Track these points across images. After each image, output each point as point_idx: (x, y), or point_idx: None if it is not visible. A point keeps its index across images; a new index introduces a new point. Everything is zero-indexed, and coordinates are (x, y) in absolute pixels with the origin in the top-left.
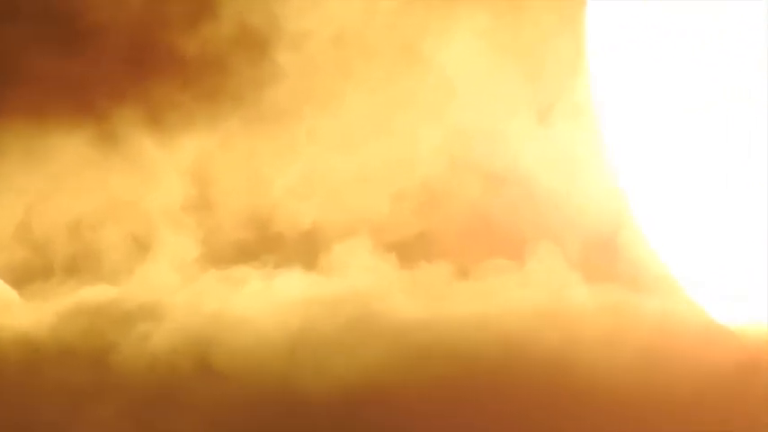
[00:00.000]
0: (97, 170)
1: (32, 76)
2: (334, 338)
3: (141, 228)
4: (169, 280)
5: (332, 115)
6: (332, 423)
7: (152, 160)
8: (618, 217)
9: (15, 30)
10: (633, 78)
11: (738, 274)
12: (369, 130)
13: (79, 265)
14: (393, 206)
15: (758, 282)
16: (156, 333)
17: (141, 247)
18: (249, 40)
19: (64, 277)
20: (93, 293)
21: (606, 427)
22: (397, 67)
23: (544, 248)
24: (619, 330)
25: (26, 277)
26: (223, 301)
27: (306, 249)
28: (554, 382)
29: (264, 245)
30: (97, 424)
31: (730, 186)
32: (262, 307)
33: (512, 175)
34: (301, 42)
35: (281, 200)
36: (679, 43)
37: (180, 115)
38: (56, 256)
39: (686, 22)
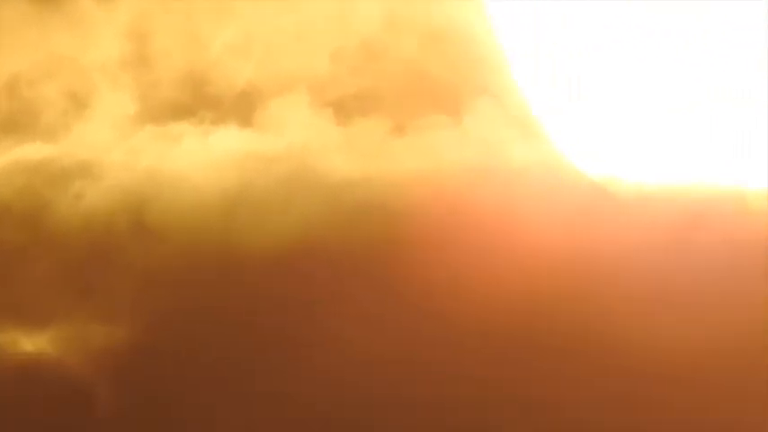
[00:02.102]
0: (35, 27)
1: None
2: (270, 195)
3: (79, 85)
4: (106, 137)
5: None
6: (268, 279)
7: (91, 17)
8: None
9: None
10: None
11: (674, 135)
12: None
13: (16, 123)
14: (331, 64)
15: (694, 142)
16: (91, 191)
17: (78, 104)
18: None
19: (0, 135)
20: (29, 151)
21: (543, 283)
22: None
23: (482, 105)
24: (556, 188)
25: None
26: (159, 158)
27: (243, 106)
28: (490, 238)
29: (201, 102)
30: (32, 282)
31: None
32: (198, 164)
33: (449, 32)
34: None
35: (218, 57)
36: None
37: None
38: None
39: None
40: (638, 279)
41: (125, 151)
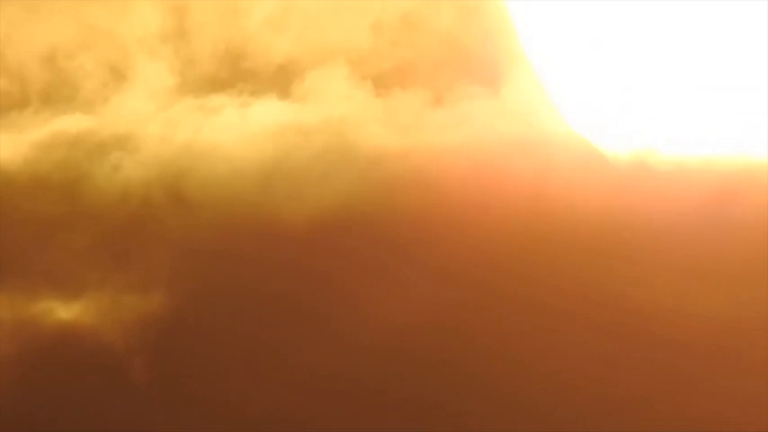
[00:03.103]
0: None
1: None
2: (308, 167)
3: (117, 57)
4: (144, 109)
5: None
6: (305, 251)
7: None
8: None
9: None
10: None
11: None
12: None
13: (55, 95)
14: (369, 37)
15: (730, 114)
16: (129, 163)
17: (117, 76)
18: None
19: (39, 107)
20: (68, 123)
21: (580, 253)
22: None
23: (519, 76)
24: (593, 159)
25: (1, 108)
26: (197, 130)
27: (281, 79)
28: (529, 209)
29: (240, 75)
30: (70, 252)
31: None
32: (236, 136)
33: (486, 3)
34: None
35: (257, 30)
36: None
37: None
38: (31, 85)
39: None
40: (673, 250)
41: (163, 123)
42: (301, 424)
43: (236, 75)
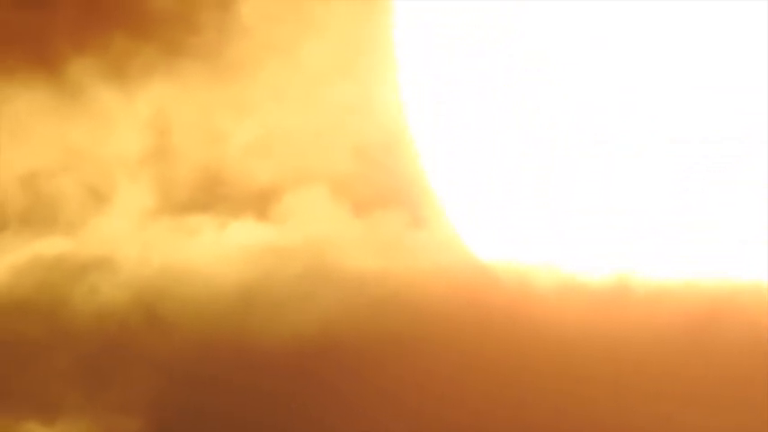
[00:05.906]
0: (53, 120)
1: None
2: (287, 289)
3: (97, 179)
4: (123, 231)
5: (292, 67)
6: (287, 376)
7: (110, 111)
8: None
9: None
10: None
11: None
12: (329, 81)
13: (34, 217)
14: (350, 160)
15: (710, 235)
16: (107, 285)
17: (96, 198)
18: None
19: (19, 229)
20: (47, 246)
21: (560, 379)
22: (359, 15)
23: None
24: (573, 283)
25: None
26: (175, 251)
27: (260, 201)
28: (508, 334)
29: (219, 197)
30: (49, 375)
31: None
32: (214, 258)
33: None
34: None
35: (237, 153)
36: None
37: (139, 66)
38: (10, 207)
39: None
40: (656, 376)
41: (141, 245)
42: None
43: (215, 197)
